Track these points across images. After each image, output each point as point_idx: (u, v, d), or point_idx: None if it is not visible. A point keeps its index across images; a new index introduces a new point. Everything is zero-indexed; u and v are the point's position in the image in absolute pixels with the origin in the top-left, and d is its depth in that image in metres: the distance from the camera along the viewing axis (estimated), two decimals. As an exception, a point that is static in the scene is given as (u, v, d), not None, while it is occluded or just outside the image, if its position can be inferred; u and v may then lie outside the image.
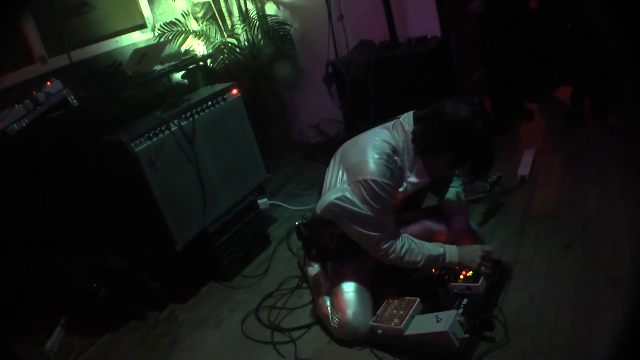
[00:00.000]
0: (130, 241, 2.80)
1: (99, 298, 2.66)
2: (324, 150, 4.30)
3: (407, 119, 2.22)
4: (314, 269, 2.59)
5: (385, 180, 2.06)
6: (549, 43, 4.16)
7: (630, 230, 2.47)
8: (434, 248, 2.22)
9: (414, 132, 2.16)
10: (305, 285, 2.72)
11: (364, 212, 2.07)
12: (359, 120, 3.67)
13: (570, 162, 3.35)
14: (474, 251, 2.23)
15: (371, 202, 2.06)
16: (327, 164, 2.38)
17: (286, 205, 3.67)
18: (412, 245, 2.18)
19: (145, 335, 2.67)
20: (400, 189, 2.19)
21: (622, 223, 2.55)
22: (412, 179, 2.18)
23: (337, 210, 2.12)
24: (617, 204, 2.70)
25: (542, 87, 4.48)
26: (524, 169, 3.27)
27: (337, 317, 2.23)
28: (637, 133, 3.34)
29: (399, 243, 2.15)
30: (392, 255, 2.15)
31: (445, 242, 2.32)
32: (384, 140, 2.15)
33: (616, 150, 3.26)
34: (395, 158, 2.13)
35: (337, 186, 2.16)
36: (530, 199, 3.02)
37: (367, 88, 3.57)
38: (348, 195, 2.09)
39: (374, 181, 2.05)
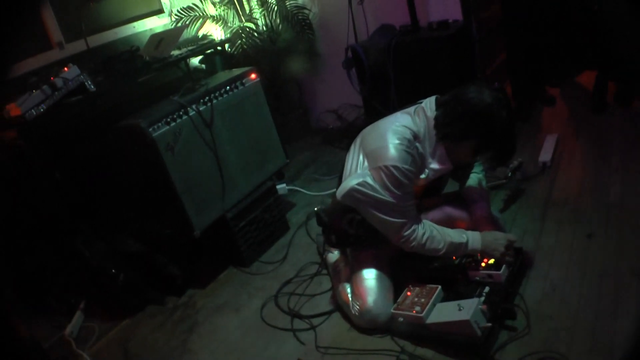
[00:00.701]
0: (148, 226, 2.81)
1: (118, 282, 2.67)
2: (342, 136, 4.28)
3: (429, 104, 2.18)
4: (333, 255, 2.57)
5: (406, 166, 2.03)
6: (572, 27, 4.07)
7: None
8: (456, 235, 2.18)
9: (436, 118, 2.11)
10: (324, 271, 2.70)
11: (385, 198, 2.04)
12: (379, 105, 3.63)
13: (593, 149, 3.28)
14: (498, 240, 2.19)
15: (392, 188, 2.03)
16: (346, 149, 2.35)
17: (305, 191, 3.65)
18: (433, 232, 2.15)
19: (164, 320, 2.68)
20: (422, 176, 2.16)
21: (645, 212, 2.49)
22: (434, 165, 2.15)
23: (358, 196, 2.09)
24: (640, 192, 2.65)
25: (565, 72, 4.39)
26: (545, 155, 3.22)
27: (358, 305, 2.21)
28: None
29: (420, 230, 2.12)
30: (413, 243, 2.12)
31: (465, 229, 2.28)
32: (405, 126, 2.11)
33: (639, 136, 3.18)
34: (417, 144, 2.09)
35: (357, 172, 2.13)
36: (552, 186, 2.97)
37: (387, 73, 3.52)
38: (369, 180, 2.05)
39: (395, 167, 2.01)
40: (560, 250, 2.41)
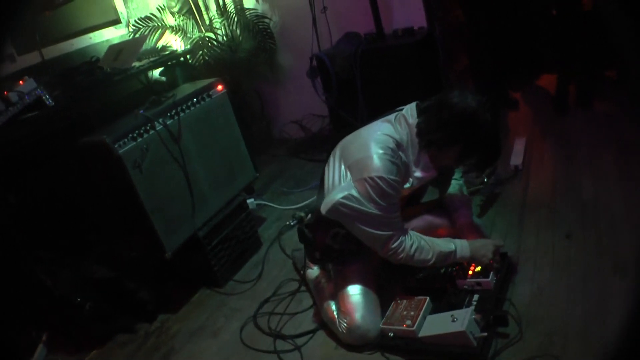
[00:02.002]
0: (116, 249, 2.66)
1: (85, 312, 2.50)
2: (307, 147, 4.22)
3: (410, 111, 2.12)
4: (313, 271, 2.48)
5: (392, 177, 1.96)
6: (532, 31, 4.14)
7: (629, 214, 2.45)
8: (444, 244, 2.13)
9: (418, 125, 2.06)
10: (304, 288, 2.60)
11: (371, 210, 1.97)
12: (345, 114, 3.58)
13: (561, 150, 3.31)
14: (486, 246, 2.15)
15: (378, 199, 1.96)
16: (313, 160, 2.28)
17: (274, 205, 3.56)
18: (421, 243, 2.09)
19: (137, 349, 2.52)
20: (407, 185, 2.10)
21: (619, 207, 2.52)
22: (418, 173, 2.09)
23: (344, 210, 2.00)
24: (612, 188, 2.69)
25: (526, 76, 4.47)
26: (516, 159, 3.24)
27: (345, 322, 2.12)
28: (625, 118, 3.33)
29: (408, 241, 2.06)
30: (402, 254, 2.05)
31: (448, 236, 2.24)
32: (387, 135, 2.04)
33: (605, 136, 3.24)
34: (400, 153, 2.04)
35: (341, 184, 2.05)
36: (526, 188, 2.98)
37: (353, 81, 3.48)
38: (354, 193, 1.98)
39: (380, 178, 1.94)
40: (542, 252, 2.40)
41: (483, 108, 1.97)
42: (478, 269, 2.18)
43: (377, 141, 2.02)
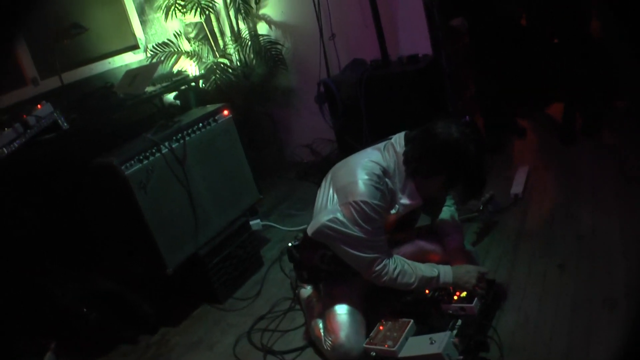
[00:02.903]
0: (121, 264, 2.77)
1: (90, 322, 2.62)
2: (317, 170, 4.28)
3: (398, 140, 2.21)
4: (306, 290, 2.57)
5: (375, 202, 2.05)
6: (539, 59, 4.17)
7: (626, 248, 2.46)
8: (427, 269, 2.20)
9: (405, 154, 2.15)
10: (298, 307, 2.69)
11: (356, 233, 2.06)
12: (351, 139, 3.66)
13: (563, 180, 3.33)
14: (470, 272, 2.21)
15: (362, 223, 2.05)
16: (320, 184, 2.37)
17: (279, 226, 3.65)
18: (405, 267, 2.16)
19: (137, 358, 2.63)
20: (392, 211, 2.18)
21: (616, 241, 2.53)
22: (404, 200, 2.17)
23: (329, 232, 2.10)
24: (612, 221, 2.69)
25: (534, 104, 4.48)
26: (517, 187, 3.26)
27: (330, 340, 2.20)
28: (630, 150, 3.33)
29: (391, 265, 2.13)
30: (384, 277, 2.13)
31: (439, 262, 2.30)
32: (374, 162, 2.13)
33: (609, 167, 3.24)
34: (386, 179, 2.12)
35: (328, 207, 2.15)
36: (524, 217, 3.00)
37: (358, 107, 3.57)
38: (339, 216, 2.07)
39: (364, 202, 2.03)
40: (533, 281, 2.42)
41: (466, 139, 2.03)
42: (464, 294, 2.22)
43: (363, 167, 2.11)
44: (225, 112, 3.01)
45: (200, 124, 2.86)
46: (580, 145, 3.69)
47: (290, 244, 2.42)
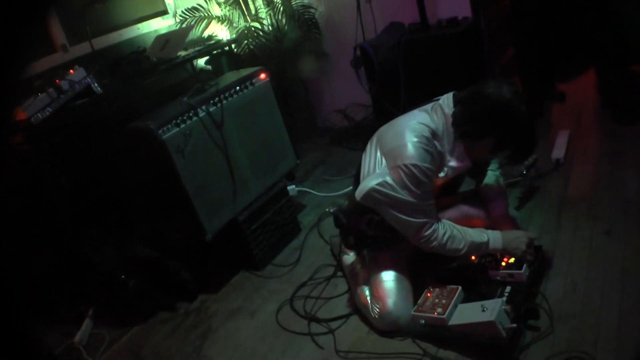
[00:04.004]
0: (159, 230, 2.76)
1: (128, 289, 2.61)
2: (351, 135, 4.23)
3: (446, 101, 2.12)
4: (349, 257, 2.52)
5: (425, 165, 1.98)
6: (580, 23, 4.03)
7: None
8: (477, 234, 2.13)
9: (454, 115, 2.06)
10: (340, 274, 2.65)
11: (405, 197, 1.99)
12: (388, 104, 3.58)
13: (605, 144, 3.22)
14: (519, 238, 2.14)
15: (412, 187, 1.98)
16: (355, 149, 2.31)
17: (315, 192, 3.60)
18: (454, 232, 2.09)
19: (177, 326, 2.62)
20: (441, 174, 2.11)
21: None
22: (453, 163, 2.10)
23: (377, 197, 2.04)
24: (659, 187, 2.59)
25: (575, 68, 4.35)
26: (558, 152, 3.18)
27: (378, 307, 2.16)
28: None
29: (441, 229, 2.07)
30: (434, 243, 2.07)
31: (483, 227, 2.23)
32: (423, 124, 2.06)
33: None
34: (435, 142, 2.05)
35: (376, 171, 2.08)
36: (567, 183, 2.92)
37: (396, 71, 3.48)
38: (388, 180, 2.00)
39: (414, 165, 1.97)
40: (579, 247, 2.36)
41: (518, 99, 1.95)
42: (511, 260, 2.16)
43: (412, 130, 2.04)
44: (262, 76, 2.94)
45: (238, 88, 2.79)
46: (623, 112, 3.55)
47: (328, 210, 2.37)
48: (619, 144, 3.14)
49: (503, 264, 2.17)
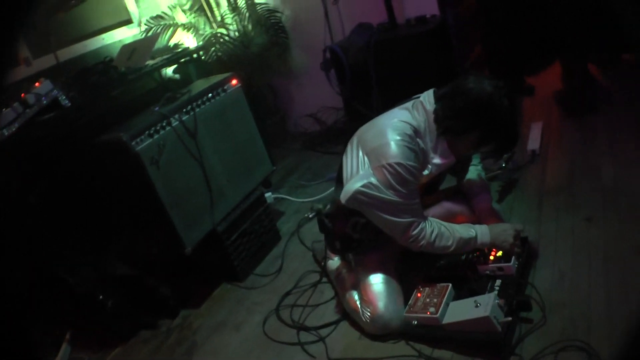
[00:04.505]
0: (136, 246, 2.66)
1: (107, 309, 2.51)
2: (323, 139, 4.21)
3: (427, 98, 2.10)
4: (334, 262, 2.47)
5: (410, 163, 1.95)
6: (546, 17, 4.09)
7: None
8: (464, 230, 2.11)
9: (435, 112, 2.05)
10: (325, 280, 2.59)
11: (391, 197, 1.96)
12: (360, 106, 3.56)
13: (578, 133, 3.26)
14: (507, 230, 2.13)
15: (397, 186, 1.95)
16: (328, 153, 2.27)
17: (292, 198, 3.55)
18: (442, 229, 2.07)
19: (160, 344, 2.53)
20: (425, 172, 2.09)
21: (640, 189, 2.48)
22: (437, 160, 2.07)
23: (363, 199, 2.00)
24: (633, 171, 2.64)
25: (542, 61, 4.41)
26: (533, 143, 3.21)
27: (368, 311, 2.11)
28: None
29: (428, 228, 2.04)
30: (422, 242, 2.04)
31: (467, 223, 2.22)
32: (405, 121, 2.03)
33: (624, 118, 3.19)
34: (418, 140, 2.02)
35: (359, 172, 2.04)
36: (544, 173, 2.95)
37: (367, 72, 3.45)
38: (373, 181, 1.97)
39: (399, 164, 1.93)
40: (562, 236, 2.37)
41: (499, 93, 1.95)
42: (499, 254, 2.16)
43: (394, 128, 2.01)
44: (234, 82, 2.87)
45: (210, 95, 2.72)
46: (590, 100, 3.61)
47: (307, 215, 2.33)
48: (591, 133, 3.18)
49: (491, 257, 2.17)
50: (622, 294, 1.93)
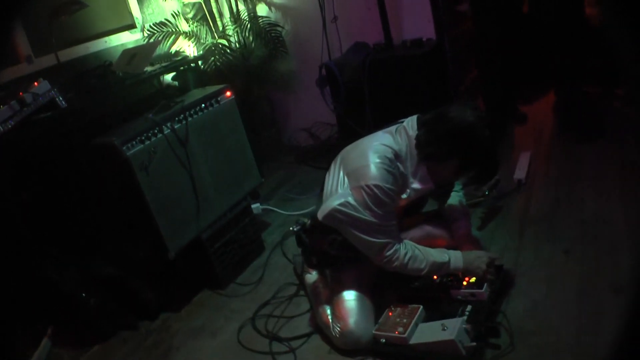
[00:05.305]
0: (121, 248, 2.71)
1: (89, 307, 2.56)
2: (316, 154, 4.25)
3: (410, 124, 2.16)
4: (311, 276, 2.52)
5: (387, 185, 2.01)
6: (540, 46, 4.15)
7: (629, 233, 2.44)
8: (438, 254, 2.17)
9: (417, 138, 2.10)
10: (302, 292, 2.64)
11: (367, 217, 2.01)
12: (353, 123, 3.61)
13: (565, 165, 3.30)
14: (480, 257, 2.18)
15: (374, 207, 2.00)
16: (320, 168, 2.33)
17: (279, 210, 3.60)
18: (415, 252, 2.12)
19: (137, 345, 2.58)
20: (404, 196, 2.14)
21: (620, 226, 2.51)
22: (416, 185, 2.13)
23: (339, 217, 2.05)
24: (615, 207, 2.67)
25: (535, 91, 4.47)
26: (520, 173, 3.24)
27: (339, 326, 2.16)
28: (632, 137, 3.32)
29: (402, 250, 2.09)
30: (395, 263, 2.09)
31: (446, 247, 2.27)
32: (386, 145, 2.09)
33: (611, 153, 3.23)
34: (398, 163, 2.08)
35: (338, 191, 2.10)
36: (528, 203, 2.98)
37: (361, 91, 3.52)
38: (351, 200, 2.03)
39: (376, 186, 1.99)
40: (539, 266, 2.41)
41: (481, 123, 2.00)
42: (473, 280, 2.19)
43: (375, 151, 2.06)
44: (228, 94, 2.94)
45: (203, 105, 2.79)
46: (580, 132, 3.65)
47: (292, 229, 2.38)
48: (578, 165, 3.22)
49: (464, 283, 2.20)
50: (592, 329, 1.96)
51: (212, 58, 3.93)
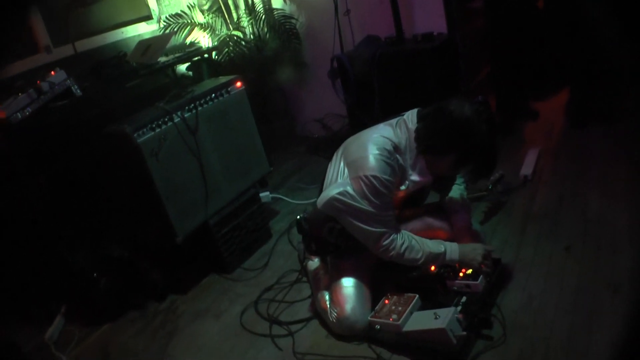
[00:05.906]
0: (131, 231, 2.82)
1: (100, 287, 2.67)
2: (327, 145, 4.29)
3: (410, 117, 2.21)
4: (314, 263, 2.59)
5: (385, 177, 2.06)
6: (554, 43, 4.13)
7: (631, 234, 2.45)
8: (434, 245, 2.22)
9: (417, 131, 2.15)
10: (304, 279, 2.72)
11: (365, 207, 2.07)
12: (363, 115, 3.65)
13: (573, 164, 3.31)
14: (476, 250, 2.23)
15: (371, 197, 2.06)
16: (330, 159, 2.38)
17: (288, 199, 3.67)
18: (412, 242, 2.18)
19: (145, 325, 2.68)
20: (402, 187, 2.19)
21: (623, 227, 2.52)
22: (414, 177, 2.18)
23: (338, 205, 2.12)
24: (619, 207, 2.68)
25: (547, 88, 4.45)
26: (527, 169, 3.26)
27: (336, 312, 2.23)
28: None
29: (399, 240, 2.15)
30: (392, 252, 2.15)
31: (446, 239, 2.31)
32: (386, 137, 2.14)
33: (620, 153, 3.23)
34: (397, 155, 2.13)
35: (338, 181, 2.16)
36: (532, 199, 3.00)
37: (371, 83, 3.56)
38: (349, 190, 2.09)
39: (374, 177, 2.04)
40: (539, 262, 2.43)
41: (479, 118, 2.02)
42: (469, 271, 2.24)
43: (375, 142, 2.12)
44: (238, 84, 3.01)
45: (213, 95, 2.86)
46: (591, 130, 3.65)
47: (299, 217, 2.44)
48: (585, 164, 3.22)
49: (460, 274, 2.25)
50: (586, 326, 1.99)
51: (226, 49, 4.00)
